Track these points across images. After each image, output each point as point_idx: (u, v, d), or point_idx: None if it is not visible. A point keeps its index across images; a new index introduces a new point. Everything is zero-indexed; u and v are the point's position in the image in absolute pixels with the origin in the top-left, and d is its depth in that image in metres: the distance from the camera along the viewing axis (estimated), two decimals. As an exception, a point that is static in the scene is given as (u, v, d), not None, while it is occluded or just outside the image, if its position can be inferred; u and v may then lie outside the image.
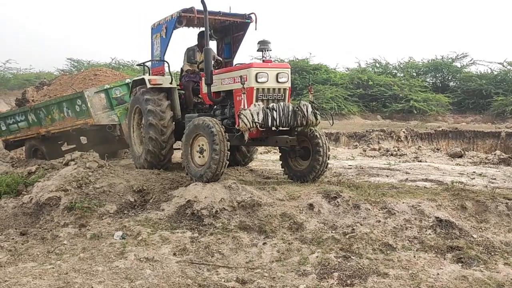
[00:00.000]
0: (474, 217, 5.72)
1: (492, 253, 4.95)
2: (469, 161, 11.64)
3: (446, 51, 49.07)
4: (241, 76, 6.63)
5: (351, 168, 9.61)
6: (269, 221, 5.70)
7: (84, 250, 5.30)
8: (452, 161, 11.91)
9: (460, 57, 30.06)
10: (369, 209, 5.78)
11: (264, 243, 5.30)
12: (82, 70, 13.88)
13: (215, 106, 7.59)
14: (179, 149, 7.66)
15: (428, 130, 18.48)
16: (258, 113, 6.45)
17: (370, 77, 29.10)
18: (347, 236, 5.25)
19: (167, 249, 5.19)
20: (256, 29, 8.11)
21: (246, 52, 18.78)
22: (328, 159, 7.16)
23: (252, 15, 8.05)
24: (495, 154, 12.15)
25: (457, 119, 25.86)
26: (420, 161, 11.67)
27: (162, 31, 8.02)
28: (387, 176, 8.47)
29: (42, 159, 10.96)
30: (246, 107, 6.47)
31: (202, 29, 8.23)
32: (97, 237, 5.63)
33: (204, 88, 7.48)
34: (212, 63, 7.41)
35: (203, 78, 7.44)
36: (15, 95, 24.33)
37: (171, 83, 8.06)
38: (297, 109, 6.75)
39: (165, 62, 8.14)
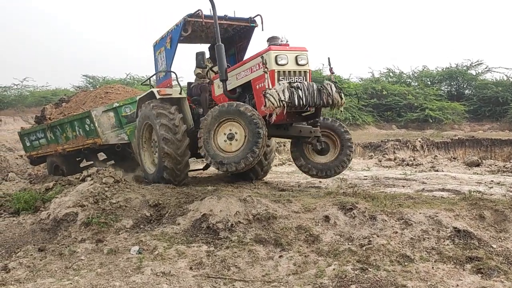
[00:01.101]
0: (493, 226, 5.64)
1: (513, 263, 4.86)
2: (486, 170, 11.49)
3: (460, 59, 48.70)
4: (260, 61, 6.48)
5: (366, 179, 9.54)
6: (285, 234, 5.69)
7: (101, 265, 5.33)
8: (469, 170, 11.77)
9: (475, 65, 29.84)
10: (386, 220, 5.74)
11: (280, 256, 5.28)
12: (97, 87, 13.86)
13: None
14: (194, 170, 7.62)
15: (444, 139, 18.30)
16: (283, 91, 6.23)
17: (384, 87, 29.00)
18: (364, 248, 5.21)
19: (183, 263, 5.20)
20: (262, 30, 7.97)
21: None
22: None
23: (258, 18, 7.94)
24: (513, 162, 11.99)
25: (473, 127, 25.60)
26: (437, 170, 11.55)
27: (167, 43, 7.88)
28: (403, 186, 8.39)
29: (63, 175, 10.99)
30: (270, 87, 6.28)
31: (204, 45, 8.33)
32: (114, 252, 5.66)
33: (216, 91, 7.34)
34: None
35: (215, 81, 7.32)
36: (33, 112, 24.75)
37: (180, 94, 7.89)
38: (322, 88, 6.58)
39: (172, 73, 7.97)
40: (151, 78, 9.60)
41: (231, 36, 8.37)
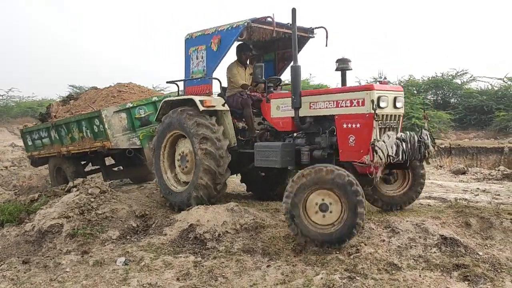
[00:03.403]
0: (479, 234, 5.68)
1: (499, 270, 4.89)
2: (472, 178, 11.59)
3: (445, 68, 49.33)
4: (356, 98, 5.75)
5: (354, 188, 9.56)
6: (272, 243, 5.67)
7: (86, 277, 5.26)
8: (455, 178, 11.85)
9: (460, 74, 30.19)
10: (373, 229, 5.75)
11: (268, 266, 5.25)
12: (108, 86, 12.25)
13: (295, 134, 6.65)
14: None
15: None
16: (392, 146, 5.53)
17: (371, 96, 29.10)
18: (352, 257, 5.20)
19: (170, 274, 5.14)
20: (326, 45, 7.08)
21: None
22: None
23: (322, 29, 7.16)
24: (498, 170, 12.10)
25: (459, 136, 25.82)
26: (424, 178, 11.61)
27: (212, 44, 6.93)
28: (391, 194, 8.42)
29: (65, 178, 10.33)
30: (378, 137, 5.59)
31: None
32: (100, 263, 5.60)
33: (274, 112, 6.67)
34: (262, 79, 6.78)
35: (272, 101, 6.68)
36: (18, 123, 24.49)
37: (223, 105, 7.02)
38: (421, 139, 5.94)
39: (215, 80, 7.10)
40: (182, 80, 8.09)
41: (275, 41, 7.52)
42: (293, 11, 6.05)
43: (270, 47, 7.75)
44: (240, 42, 7.64)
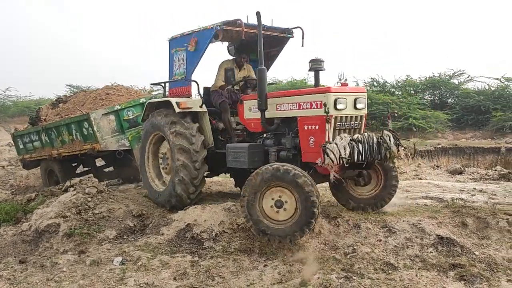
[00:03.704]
0: (475, 234, 5.70)
1: (495, 270, 4.91)
2: (469, 178, 11.61)
3: (442, 68, 49.22)
4: (315, 100, 5.82)
5: (351, 187, 9.57)
6: (269, 243, 5.67)
7: (83, 277, 5.26)
8: (452, 178, 11.88)
9: (457, 74, 30.22)
10: (370, 228, 5.77)
11: (265, 265, 5.26)
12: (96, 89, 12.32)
13: (264, 135, 6.74)
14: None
15: (427, 147, 18.46)
16: (345, 148, 5.53)
17: (368, 96, 29.08)
18: (348, 256, 5.22)
19: (167, 274, 5.15)
20: (302, 45, 7.17)
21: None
22: None
23: (298, 29, 7.23)
24: (495, 170, 12.12)
25: (456, 136, 25.85)
26: (420, 178, 11.64)
27: (190, 45, 6.99)
28: (388, 194, 8.42)
29: (57, 181, 10.41)
30: (330, 139, 5.66)
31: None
32: (97, 263, 5.60)
33: (246, 113, 6.79)
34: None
35: (245, 102, 6.80)
36: (15, 122, 24.48)
37: (201, 107, 7.06)
38: (381, 140, 5.93)
39: (193, 83, 7.10)
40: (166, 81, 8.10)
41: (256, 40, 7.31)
42: (258, 14, 6.15)
43: (255, 47, 7.54)
44: (241, 44, 7.69)
